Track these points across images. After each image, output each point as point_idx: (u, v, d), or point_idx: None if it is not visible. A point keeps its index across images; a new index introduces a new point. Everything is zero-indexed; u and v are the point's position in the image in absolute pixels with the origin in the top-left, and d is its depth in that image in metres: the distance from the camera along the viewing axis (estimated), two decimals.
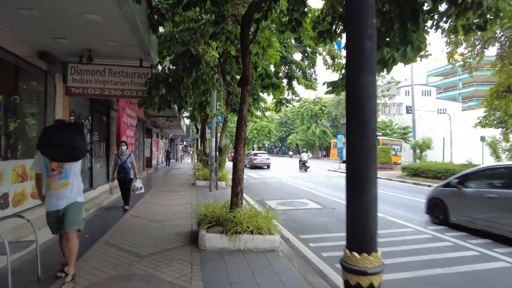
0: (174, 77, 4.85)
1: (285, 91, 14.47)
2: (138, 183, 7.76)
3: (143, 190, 7.97)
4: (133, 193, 7.91)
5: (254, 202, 9.67)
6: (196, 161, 30.37)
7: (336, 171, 23.71)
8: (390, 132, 40.01)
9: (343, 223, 1.92)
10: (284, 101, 15.18)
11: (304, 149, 40.56)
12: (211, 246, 4.89)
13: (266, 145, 69.15)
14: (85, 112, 8.46)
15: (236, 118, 20.17)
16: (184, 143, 54.05)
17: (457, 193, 6.78)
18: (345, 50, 1.97)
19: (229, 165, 26.33)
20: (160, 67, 6.31)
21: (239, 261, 4.49)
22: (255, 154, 27.81)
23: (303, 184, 15.30)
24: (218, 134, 13.36)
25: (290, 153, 63.91)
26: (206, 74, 5.58)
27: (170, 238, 5.48)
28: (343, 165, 23.15)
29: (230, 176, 7.80)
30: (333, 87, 4.75)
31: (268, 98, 16.51)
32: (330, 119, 63.14)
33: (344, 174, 1.92)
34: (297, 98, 19.07)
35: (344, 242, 1.90)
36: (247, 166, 26.46)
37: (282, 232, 6.05)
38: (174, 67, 5.00)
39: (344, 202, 1.94)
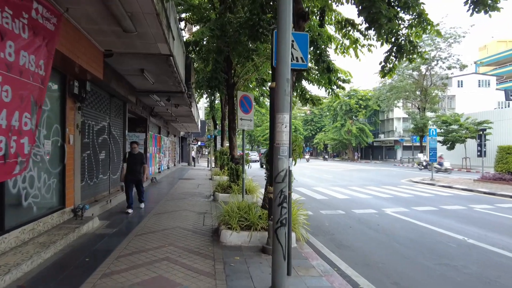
0: None
1: None
2: None
3: None
4: None
5: None
6: (213, 165, 22.02)
7: (433, 184, 15.18)
8: (458, 128, 30.59)
9: None
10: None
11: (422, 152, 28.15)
12: None
13: None
14: None
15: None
16: (199, 142, 45.95)
17: None
18: None
19: (300, 183, 13.40)
20: None
21: None
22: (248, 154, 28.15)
23: (444, 224, 6.98)
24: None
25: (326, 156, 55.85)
26: None
27: None
28: (439, 175, 11.49)
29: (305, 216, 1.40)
30: None
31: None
32: (367, 115, 53.75)
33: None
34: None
35: None
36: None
37: None
38: None
39: None
